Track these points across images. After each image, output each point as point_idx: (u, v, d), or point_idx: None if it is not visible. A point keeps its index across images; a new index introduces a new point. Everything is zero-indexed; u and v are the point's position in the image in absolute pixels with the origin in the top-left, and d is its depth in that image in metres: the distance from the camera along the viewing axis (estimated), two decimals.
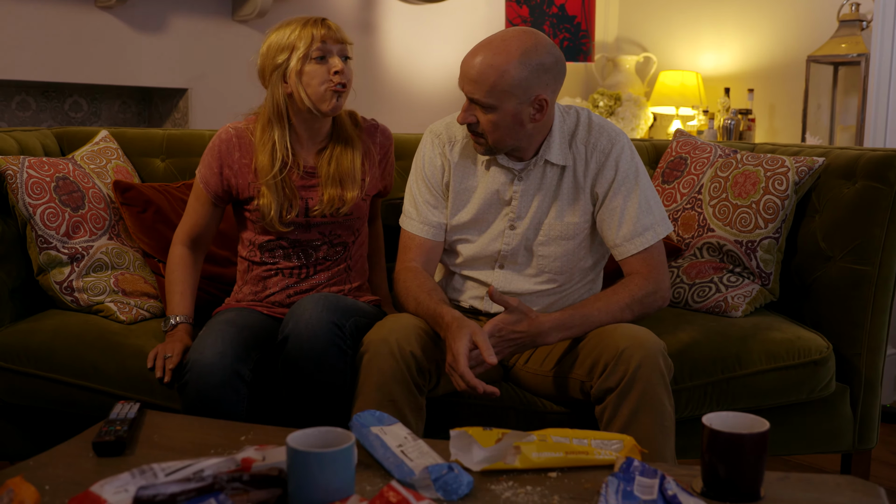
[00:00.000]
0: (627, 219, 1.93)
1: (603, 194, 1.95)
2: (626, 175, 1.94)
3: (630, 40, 4.81)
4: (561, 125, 1.97)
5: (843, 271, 2.21)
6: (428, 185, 2.05)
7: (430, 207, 2.04)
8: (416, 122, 4.17)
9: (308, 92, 1.99)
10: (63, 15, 3.24)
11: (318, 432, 1.24)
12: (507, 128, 1.87)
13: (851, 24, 3.67)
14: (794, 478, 1.38)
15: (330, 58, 1.99)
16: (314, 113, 2.02)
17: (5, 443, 2.12)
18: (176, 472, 1.22)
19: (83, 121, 3.56)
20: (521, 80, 1.81)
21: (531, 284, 2.02)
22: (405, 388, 1.73)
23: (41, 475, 1.34)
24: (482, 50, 1.84)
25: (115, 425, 1.50)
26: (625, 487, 1.25)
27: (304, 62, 1.98)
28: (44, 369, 2.02)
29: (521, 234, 1.99)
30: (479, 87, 1.82)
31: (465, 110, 1.88)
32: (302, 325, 1.78)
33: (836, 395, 2.17)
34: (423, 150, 2.08)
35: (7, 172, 2.15)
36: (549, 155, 1.95)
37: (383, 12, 4.19)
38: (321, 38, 1.97)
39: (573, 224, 1.98)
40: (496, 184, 1.99)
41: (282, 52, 1.99)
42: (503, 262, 2.02)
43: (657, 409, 1.72)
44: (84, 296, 2.17)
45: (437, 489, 1.27)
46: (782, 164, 2.33)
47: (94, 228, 2.24)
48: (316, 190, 2.06)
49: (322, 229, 2.08)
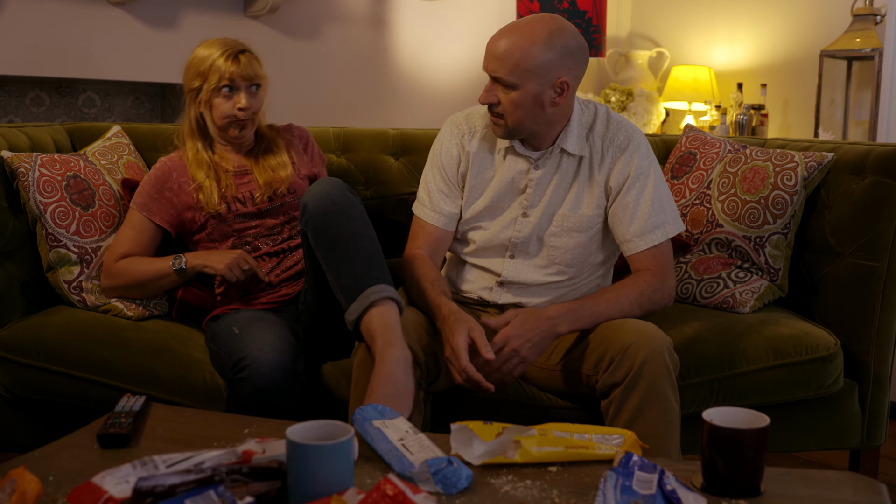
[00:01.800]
0: (640, 215, 1.94)
1: (617, 189, 1.97)
2: (641, 172, 1.96)
3: (642, 35, 4.79)
4: (580, 117, 1.99)
5: (852, 267, 2.19)
6: (443, 174, 2.08)
7: (443, 196, 2.07)
8: (428, 118, 4.17)
9: (215, 121, 2.19)
10: (76, 11, 3.27)
11: (318, 425, 1.25)
12: (528, 109, 1.89)
13: (865, 19, 3.64)
14: (796, 474, 1.37)
15: (237, 94, 2.16)
16: (224, 136, 2.22)
17: (16, 435, 2.14)
18: (177, 463, 1.23)
19: (96, 116, 3.59)
20: (545, 61, 1.85)
21: (541, 275, 2.02)
22: None
23: (46, 466, 1.36)
24: (508, 30, 1.89)
25: (120, 418, 1.51)
26: (623, 482, 1.25)
27: (213, 94, 2.15)
28: (53, 363, 2.04)
29: (533, 222, 2.00)
30: (503, 65, 1.85)
31: (488, 90, 1.91)
32: (257, 365, 1.83)
33: (845, 391, 2.16)
34: (441, 139, 2.12)
35: (20, 170, 2.17)
36: (566, 144, 1.97)
37: (395, 7, 4.20)
38: (230, 76, 2.13)
39: (587, 216, 1.99)
40: (512, 172, 2.01)
41: (196, 77, 2.17)
42: (514, 251, 2.02)
43: (662, 404, 1.72)
44: (92, 297, 2.19)
45: (436, 482, 1.27)
46: (791, 159, 2.32)
47: (103, 227, 2.25)
48: (252, 182, 2.22)
49: (275, 214, 2.22)
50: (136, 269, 2.13)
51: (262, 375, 1.80)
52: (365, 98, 4.16)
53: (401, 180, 2.69)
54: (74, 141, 2.58)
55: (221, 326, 2.02)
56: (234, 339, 1.92)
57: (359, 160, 2.71)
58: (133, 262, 2.14)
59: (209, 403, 1.96)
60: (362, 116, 4.07)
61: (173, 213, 2.18)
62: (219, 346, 1.96)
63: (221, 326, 2.02)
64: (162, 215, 2.17)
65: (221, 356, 1.94)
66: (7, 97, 3.35)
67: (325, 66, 4.02)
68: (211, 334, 2.05)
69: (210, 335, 2.06)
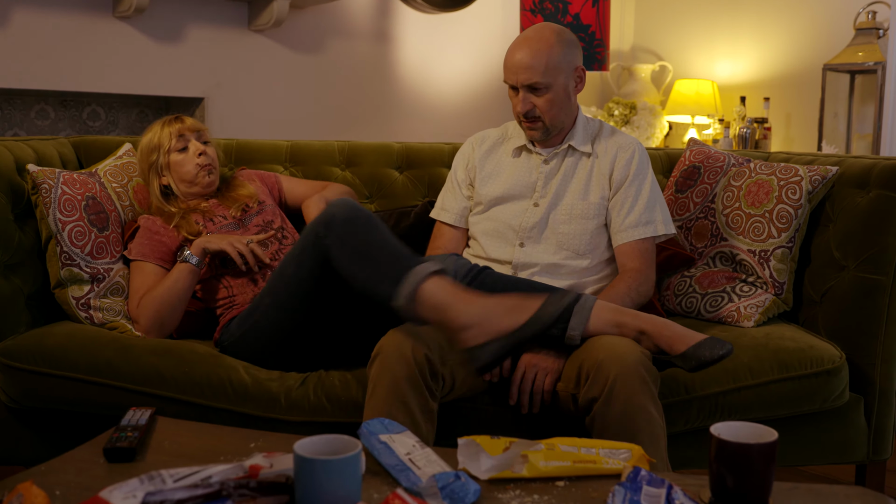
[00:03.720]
0: (636, 209, 2.18)
1: (619, 182, 2.20)
2: (640, 171, 2.21)
3: (645, 49, 4.81)
4: (585, 123, 2.28)
5: (856, 281, 2.19)
6: (454, 177, 2.38)
7: (452, 196, 2.37)
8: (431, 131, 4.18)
9: (182, 176, 2.34)
10: (81, 25, 3.28)
11: (325, 440, 1.25)
12: (561, 103, 2.16)
13: (868, 33, 3.66)
14: (804, 488, 1.37)
15: (190, 145, 2.35)
16: (193, 191, 2.35)
17: (21, 448, 2.14)
18: (184, 478, 1.23)
19: (101, 130, 3.60)
20: (564, 55, 2.13)
21: (553, 258, 2.17)
22: (418, 392, 1.74)
23: (52, 480, 1.36)
24: (523, 43, 2.14)
25: (126, 431, 1.51)
26: (632, 497, 1.25)
27: (170, 155, 2.34)
28: (58, 368, 2.03)
29: (542, 211, 2.20)
30: (535, 71, 2.10)
31: (522, 100, 2.14)
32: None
33: (850, 405, 2.16)
34: (459, 152, 2.41)
35: (43, 186, 2.17)
36: (573, 142, 2.23)
37: (399, 21, 4.22)
38: (178, 133, 2.34)
39: (594, 204, 2.19)
40: (523, 168, 2.26)
41: (151, 153, 2.35)
42: (523, 238, 2.20)
43: (643, 416, 1.73)
44: (99, 314, 2.19)
45: (443, 497, 1.27)
46: (795, 173, 2.33)
47: (114, 251, 2.28)
48: (222, 207, 2.38)
49: (253, 220, 2.36)
50: (156, 292, 2.17)
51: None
52: (368, 112, 4.18)
53: (405, 194, 2.69)
54: (80, 155, 2.58)
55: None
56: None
57: (363, 174, 2.72)
58: (150, 291, 2.19)
59: (214, 399, 1.97)
60: (365, 130, 4.08)
61: (167, 251, 2.27)
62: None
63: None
64: (160, 255, 2.26)
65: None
66: (12, 110, 3.36)
67: (328, 80, 4.04)
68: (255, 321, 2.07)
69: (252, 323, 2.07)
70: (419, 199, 2.71)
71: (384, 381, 1.74)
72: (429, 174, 2.73)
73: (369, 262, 1.80)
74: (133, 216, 2.39)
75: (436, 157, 2.76)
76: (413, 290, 1.73)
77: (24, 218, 2.22)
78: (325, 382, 1.98)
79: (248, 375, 1.99)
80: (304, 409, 1.95)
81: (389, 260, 1.79)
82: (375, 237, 1.82)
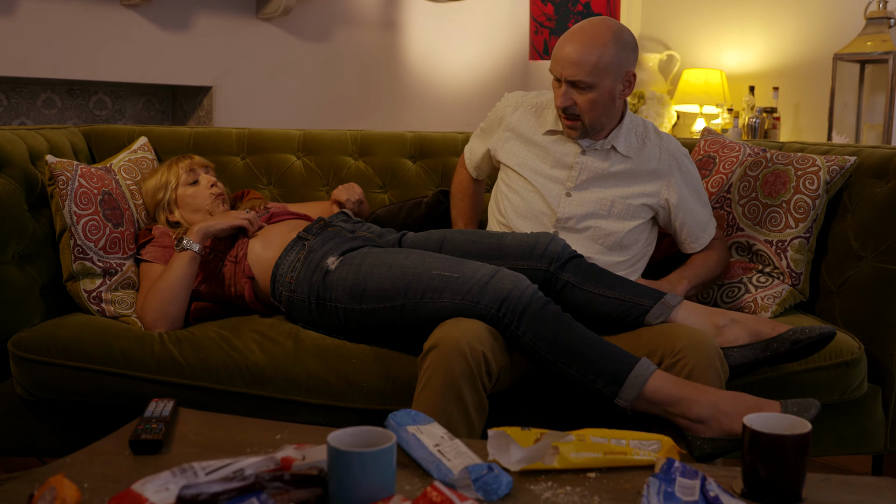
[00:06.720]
0: (707, 213, 2.26)
1: (679, 192, 2.19)
2: (693, 177, 2.23)
3: (653, 38, 4.79)
4: (630, 121, 2.20)
5: (875, 271, 2.18)
6: (483, 126, 2.38)
7: (476, 139, 2.41)
8: (439, 120, 4.16)
9: (196, 208, 2.34)
10: (89, 13, 3.26)
11: (358, 431, 1.24)
12: (604, 105, 2.08)
13: (879, 22, 3.64)
14: (835, 479, 1.36)
15: (200, 178, 2.37)
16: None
17: (36, 439, 2.13)
18: (216, 470, 1.21)
19: (108, 119, 3.58)
20: (616, 58, 2.04)
21: (587, 251, 2.14)
22: (473, 388, 1.73)
23: (79, 473, 1.34)
24: (576, 36, 2.06)
25: (151, 423, 1.50)
26: (666, 488, 1.24)
27: (178, 190, 2.34)
28: (73, 359, 2.01)
29: (577, 204, 2.16)
30: (582, 69, 2.03)
31: (564, 95, 2.07)
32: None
33: (868, 395, 2.15)
34: (493, 111, 2.36)
35: (60, 177, 2.15)
36: (617, 143, 2.17)
37: (407, 10, 4.19)
38: (188, 168, 2.36)
39: (634, 206, 2.17)
40: (559, 149, 2.20)
41: (158, 191, 2.35)
42: (558, 227, 2.17)
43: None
44: (111, 307, 2.18)
45: (476, 489, 1.26)
46: (813, 163, 2.31)
47: (128, 248, 2.26)
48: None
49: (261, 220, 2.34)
50: (157, 284, 2.13)
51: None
52: (376, 100, 4.16)
53: (419, 183, 2.68)
54: (91, 144, 2.56)
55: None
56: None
57: (376, 163, 2.70)
58: (153, 284, 2.16)
59: (231, 384, 1.97)
60: (373, 118, 4.06)
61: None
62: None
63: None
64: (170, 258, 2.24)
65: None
66: (19, 99, 3.34)
67: (336, 69, 4.02)
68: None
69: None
70: (432, 188, 2.70)
71: (440, 375, 1.72)
72: (442, 163, 2.72)
73: (576, 359, 1.77)
74: (146, 216, 2.39)
75: (449, 146, 2.74)
76: (638, 390, 1.72)
77: (38, 207, 2.20)
78: (346, 366, 1.97)
79: (263, 355, 1.99)
80: (324, 392, 1.95)
81: (600, 358, 1.76)
82: (576, 332, 1.79)
